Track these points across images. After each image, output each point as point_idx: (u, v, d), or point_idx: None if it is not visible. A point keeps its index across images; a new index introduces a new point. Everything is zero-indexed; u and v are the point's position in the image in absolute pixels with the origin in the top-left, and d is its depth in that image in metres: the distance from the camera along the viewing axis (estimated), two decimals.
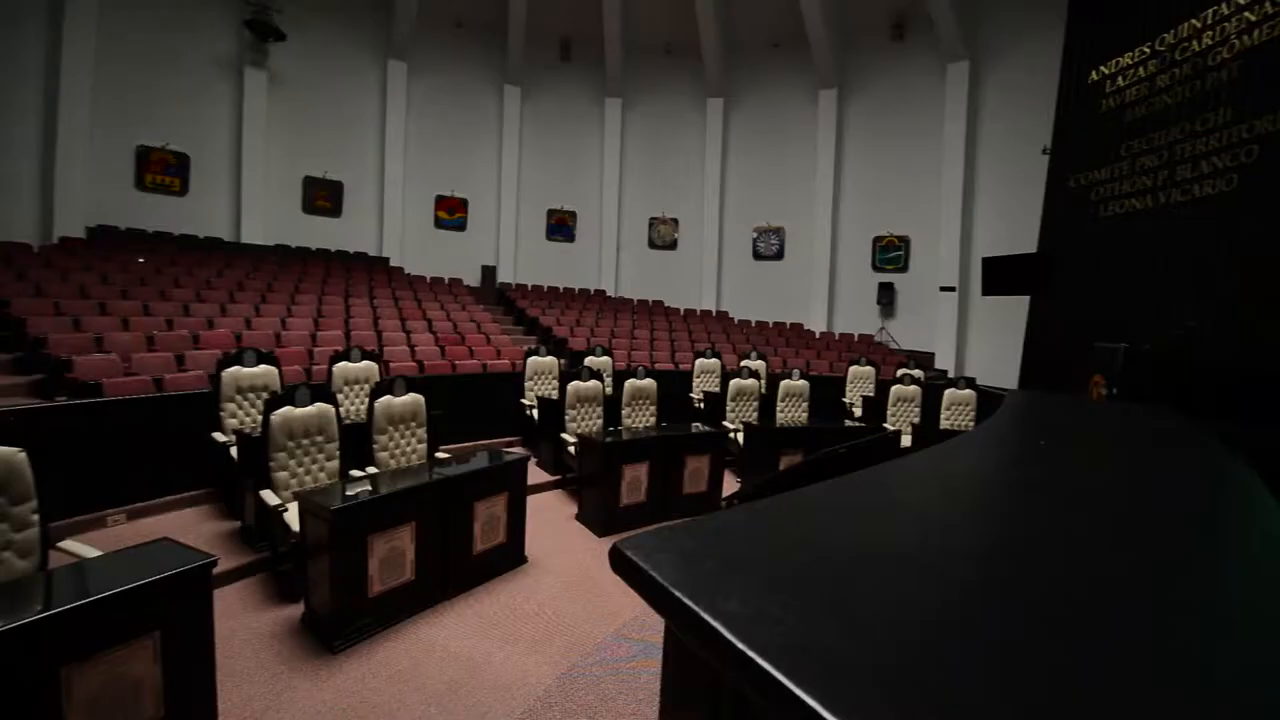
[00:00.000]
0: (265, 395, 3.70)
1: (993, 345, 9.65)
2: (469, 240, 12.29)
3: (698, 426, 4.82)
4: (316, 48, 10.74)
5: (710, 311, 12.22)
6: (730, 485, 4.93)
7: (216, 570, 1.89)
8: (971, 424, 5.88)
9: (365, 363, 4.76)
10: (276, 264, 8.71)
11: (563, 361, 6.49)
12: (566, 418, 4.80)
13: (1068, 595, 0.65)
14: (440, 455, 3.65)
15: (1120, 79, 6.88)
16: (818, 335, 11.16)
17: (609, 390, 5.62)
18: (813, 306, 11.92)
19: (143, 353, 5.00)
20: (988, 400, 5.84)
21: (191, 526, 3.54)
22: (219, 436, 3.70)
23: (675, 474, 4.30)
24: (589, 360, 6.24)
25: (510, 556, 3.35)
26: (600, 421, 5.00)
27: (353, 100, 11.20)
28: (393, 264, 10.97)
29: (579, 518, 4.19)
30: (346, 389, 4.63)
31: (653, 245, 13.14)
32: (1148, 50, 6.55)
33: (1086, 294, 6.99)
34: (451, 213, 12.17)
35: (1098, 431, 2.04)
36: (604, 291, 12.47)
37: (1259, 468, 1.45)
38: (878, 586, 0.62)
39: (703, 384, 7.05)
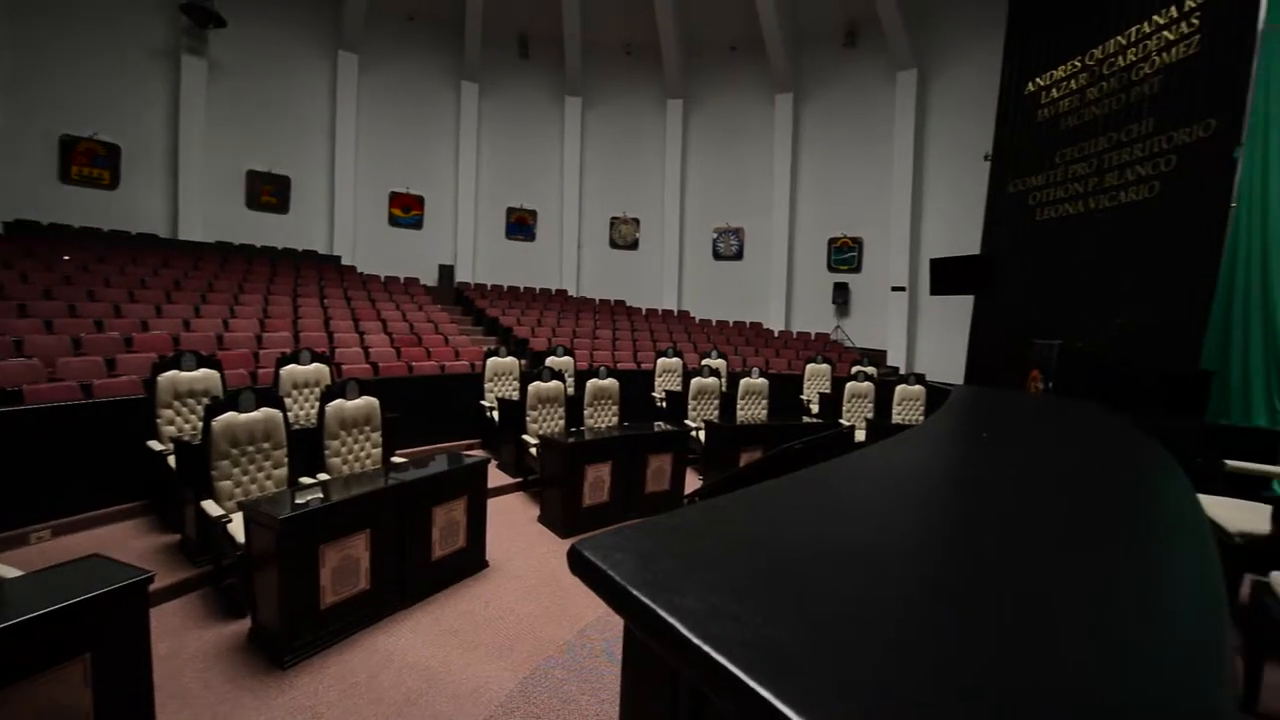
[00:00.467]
0: (206, 400, 3.51)
1: (941, 342, 10.07)
2: (425, 239, 11.99)
3: (660, 425, 4.85)
4: (260, 36, 10.26)
5: (672, 311, 12.31)
6: (693, 483, 4.98)
7: (154, 587, 1.78)
8: (921, 418, 6.12)
9: (315, 365, 4.58)
10: (218, 262, 8.28)
11: (523, 362, 6.41)
12: (528, 419, 4.74)
13: (1004, 583, 0.69)
14: (396, 460, 3.56)
15: (1054, 90, 7.29)
16: (776, 334, 11.39)
17: (571, 390, 5.59)
18: (771, 306, 12.16)
19: (69, 357, 4.66)
20: (936, 395, 6.08)
21: (125, 542, 3.33)
22: (155, 445, 3.50)
23: (638, 473, 4.32)
24: (550, 360, 6.19)
25: (471, 561, 3.29)
26: (562, 422, 4.96)
27: (300, 92, 10.76)
28: (345, 263, 10.59)
29: (541, 520, 4.15)
30: (295, 393, 4.45)
31: (614, 245, 13.14)
32: (1078, 64, 6.96)
33: (1025, 294, 7.39)
34: (407, 210, 11.85)
35: (1034, 423, 2.16)
36: (565, 291, 12.39)
37: (1173, 450, 1.56)
38: (831, 580, 0.64)
39: (664, 383, 7.09)
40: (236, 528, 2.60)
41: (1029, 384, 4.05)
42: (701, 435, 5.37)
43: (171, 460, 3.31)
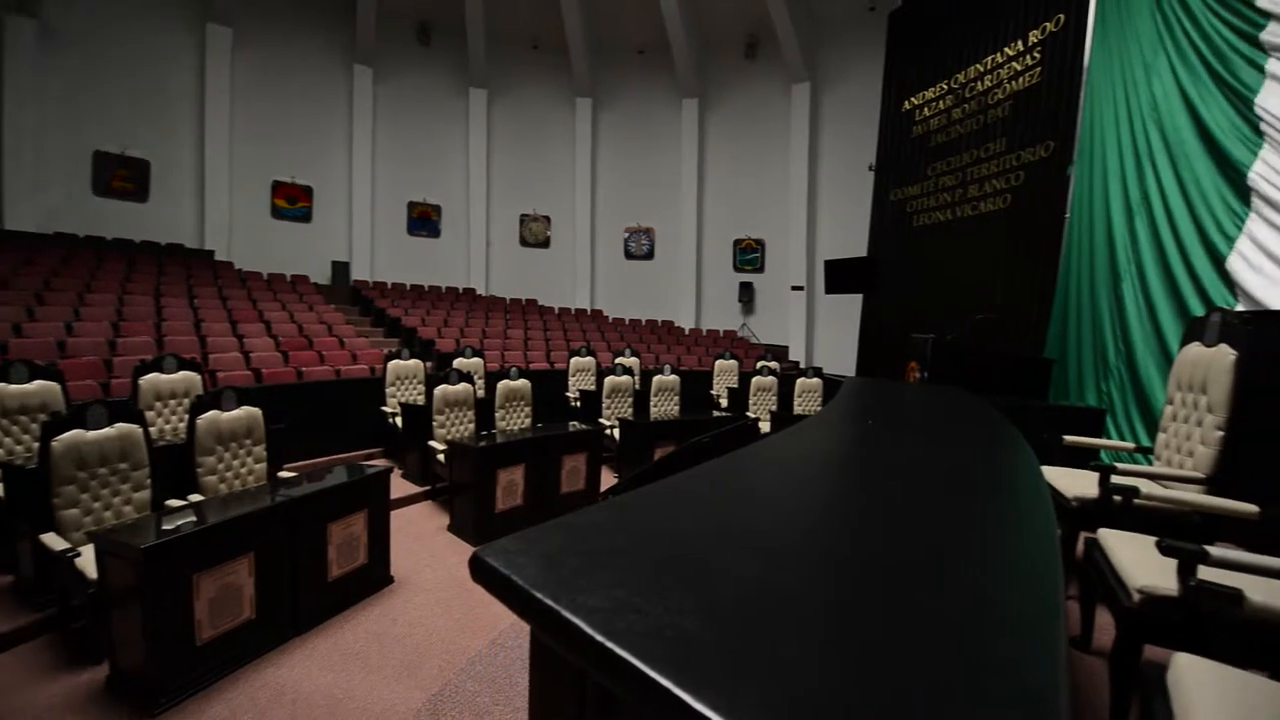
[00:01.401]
0: (44, 417, 3.03)
1: (835, 338, 10.83)
2: (315, 233, 11.07)
3: (574, 425, 4.82)
4: (109, 2, 8.97)
5: (585, 310, 12.28)
6: (609, 481, 5.01)
7: None
8: (819, 408, 6.56)
9: (184, 373, 4.09)
10: (58, 256, 7.16)
11: (429, 364, 6.12)
12: (434, 424, 4.54)
13: (889, 553, 0.76)
14: (284, 475, 3.26)
15: (926, 109, 8.07)
16: (687, 332, 11.71)
17: (481, 393, 5.41)
18: (682, 305, 12.48)
19: None
20: (831, 386, 6.55)
21: None
22: None
23: (553, 474, 4.27)
24: (458, 362, 5.96)
25: (373, 578, 3.09)
26: (472, 426, 4.80)
27: (160, 66, 9.53)
28: (219, 258, 9.53)
29: (451, 528, 3.99)
30: (159, 405, 3.95)
31: (524, 243, 12.87)
32: (945, 87, 7.76)
33: (905, 292, 8.14)
34: (292, 202, 10.88)
35: (911, 408, 2.40)
36: (474, 290, 11.96)
37: (1022, 427, 1.80)
38: (734, 565, 0.67)
39: (578, 382, 7.06)
40: (87, 562, 2.27)
41: (908, 374, 4.47)
42: (616, 433, 5.41)
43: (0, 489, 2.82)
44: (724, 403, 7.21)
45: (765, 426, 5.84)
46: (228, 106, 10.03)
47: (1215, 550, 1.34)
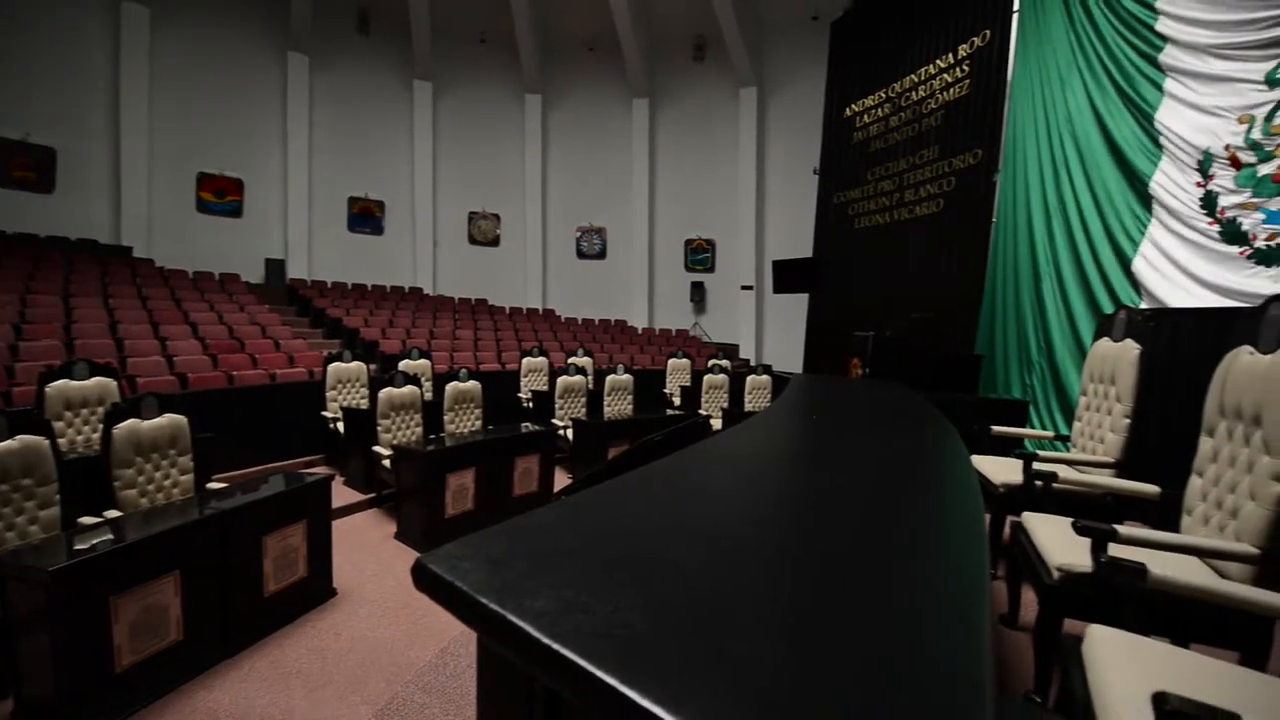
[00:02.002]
0: None
1: (784, 335, 11.11)
2: (247, 229, 10.44)
3: (527, 426, 4.76)
4: None
5: (536, 310, 12.12)
6: (563, 481, 4.97)
7: None
8: (768, 404, 6.73)
9: (97, 379, 3.78)
10: None
11: (373, 367, 5.90)
12: (379, 428, 4.37)
13: (828, 547, 0.79)
14: (214, 486, 3.07)
15: (866, 116, 8.41)
16: (640, 331, 11.75)
17: (429, 395, 5.26)
18: (634, 304, 12.52)
19: None
20: (780, 383, 6.73)
21: None
22: None
23: (505, 477, 4.20)
24: (404, 364, 5.77)
25: (315, 591, 2.95)
26: (419, 430, 4.65)
27: (70, 45, 8.75)
28: (137, 255, 8.85)
29: (399, 536, 3.86)
30: (69, 414, 3.64)
31: (473, 241, 12.58)
32: (883, 96, 8.10)
33: (848, 292, 8.45)
34: (221, 195, 10.23)
35: (853, 402, 2.50)
36: (421, 290, 11.59)
37: (954, 419, 1.91)
38: (683, 560, 0.68)
39: (530, 383, 6.97)
40: None
41: (851, 370, 4.65)
42: (570, 433, 5.38)
43: None
44: (677, 401, 7.28)
45: (717, 424, 5.94)
46: (146, 92, 9.31)
47: (1124, 529, 1.46)
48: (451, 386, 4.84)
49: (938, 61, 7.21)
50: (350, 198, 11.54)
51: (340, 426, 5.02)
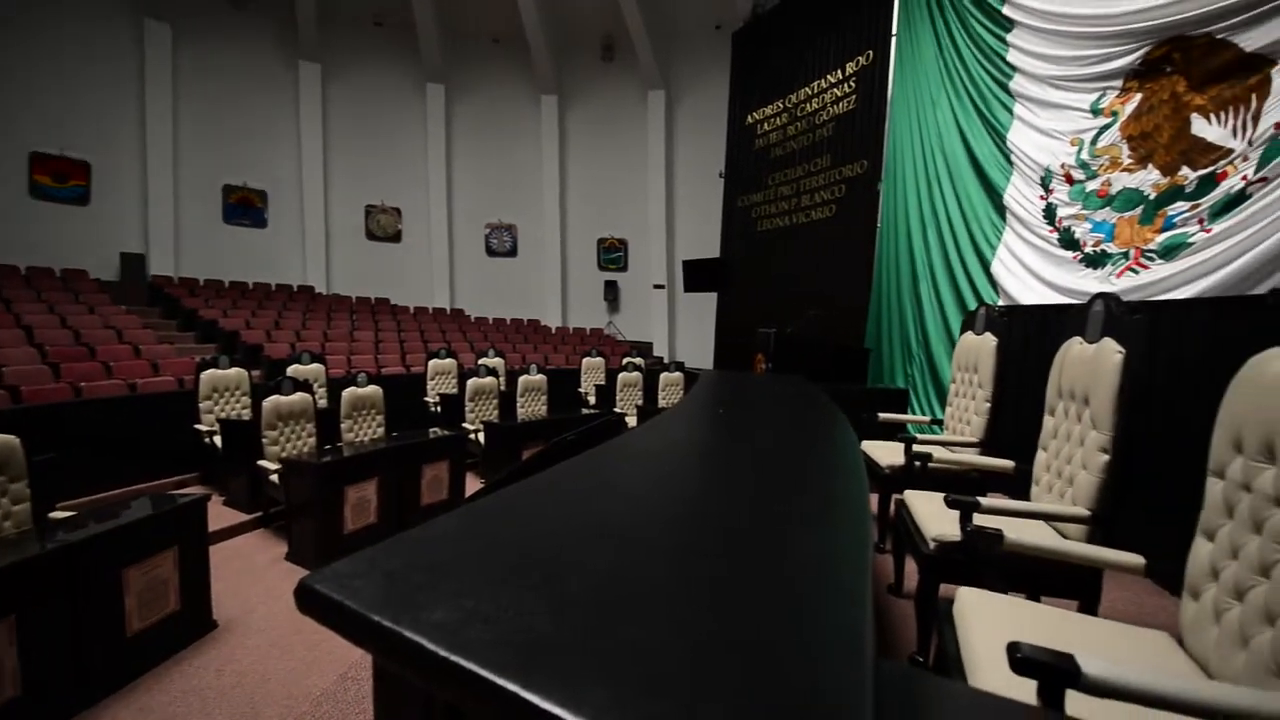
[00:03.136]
0: None
1: (696, 333, 11.45)
2: (96, 218, 9.11)
3: (436, 431, 4.55)
4: None
5: (444, 309, 11.61)
6: (475, 487, 4.80)
7: None
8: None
9: None
10: None
11: (256, 373, 5.38)
12: (265, 440, 3.99)
13: (729, 533, 0.83)
14: (59, 515, 2.66)
15: (766, 125, 8.84)
16: (554, 330, 11.61)
17: (323, 403, 4.88)
18: (548, 303, 12.35)
19: None
20: (691, 379, 6.93)
21: None
22: None
23: (411, 486, 3.99)
24: (293, 369, 5.31)
25: (190, 625, 2.65)
26: (313, 440, 4.30)
27: None
28: None
29: (290, 557, 3.55)
30: None
31: (372, 236, 11.81)
32: (781, 106, 8.56)
33: (753, 290, 8.86)
34: (62, 179, 8.84)
35: (757, 395, 2.63)
36: (312, 288, 10.71)
37: (845, 408, 2.06)
38: (590, 560, 0.68)
39: (438, 386, 6.68)
40: None
41: (756, 365, 4.89)
42: (481, 437, 5.21)
43: None
44: (592, 400, 7.28)
45: (632, 421, 6.00)
46: None
47: (986, 500, 1.65)
48: (349, 392, 4.52)
49: (828, 77, 7.73)
50: (226, 186, 10.42)
51: (217, 440, 4.53)
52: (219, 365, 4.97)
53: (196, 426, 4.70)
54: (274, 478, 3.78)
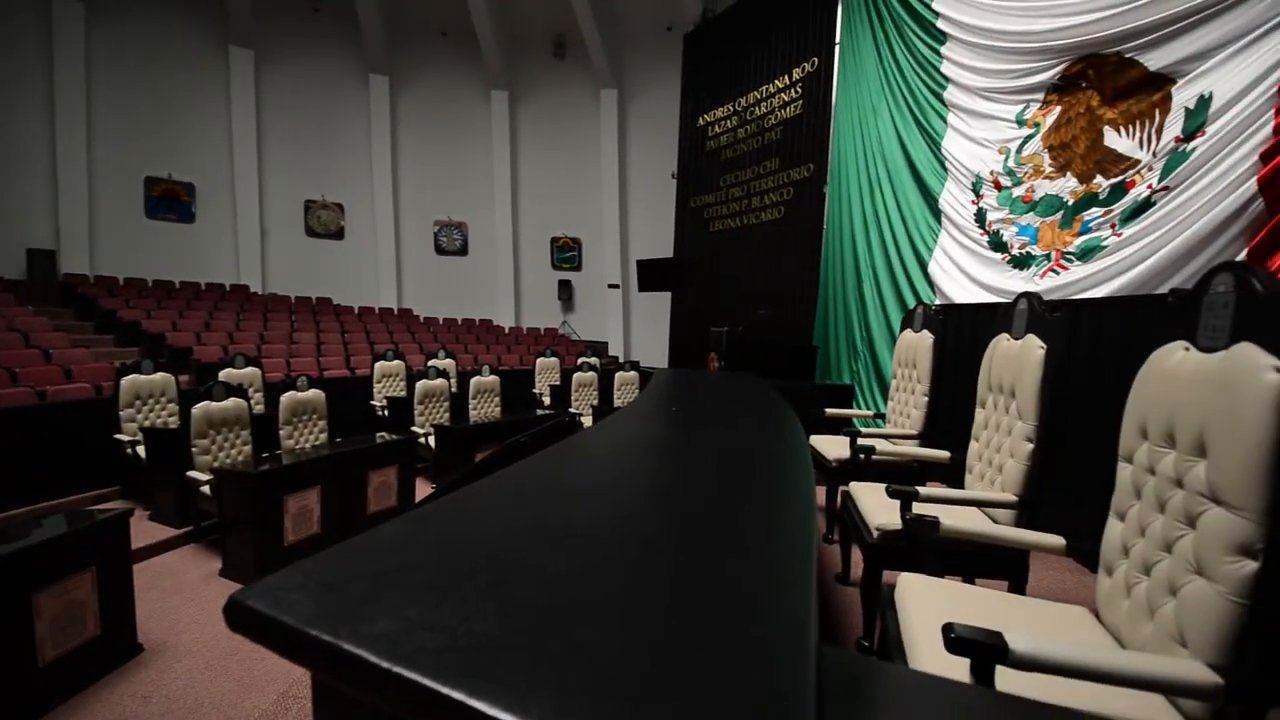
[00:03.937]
0: None
1: (650, 332, 11.51)
2: None
3: (383, 436, 4.39)
4: None
5: (391, 309, 11.22)
6: (425, 492, 4.67)
7: None
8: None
9: None
10: None
11: (184, 378, 5.05)
12: (195, 450, 3.75)
13: (680, 528, 0.84)
14: None
15: (717, 127, 8.97)
16: (507, 330, 11.42)
17: (260, 409, 4.63)
18: (500, 302, 12.13)
19: None
20: (646, 378, 6.96)
21: None
22: None
23: (357, 493, 3.84)
24: (226, 373, 5.01)
25: (112, 651, 2.46)
26: (248, 448, 4.07)
27: None
28: None
29: (225, 573, 3.35)
30: None
31: (312, 233, 11.28)
32: (731, 109, 8.71)
33: (706, 290, 8.98)
34: None
35: (709, 393, 2.67)
36: (246, 287, 10.13)
37: (794, 403, 2.13)
38: (538, 562, 0.68)
39: (385, 389, 6.45)
40: None
41: (709, 363, 4.96)
42: (432, 441, 5.07)
43: None
44: (547, 401, 7.20)
45: (588, 421, 5.97)
46: None
47: (924, 490, 1.73)
48: (288, 397, 4.30)
49: (776, 81, 7.92)
50: (148, 178, 9.73)
51: (140, 451, 4.22)
52: (142, 370, 4.64)
53: (117, 436, 4.37)
54: (205, 489, 3.55)
